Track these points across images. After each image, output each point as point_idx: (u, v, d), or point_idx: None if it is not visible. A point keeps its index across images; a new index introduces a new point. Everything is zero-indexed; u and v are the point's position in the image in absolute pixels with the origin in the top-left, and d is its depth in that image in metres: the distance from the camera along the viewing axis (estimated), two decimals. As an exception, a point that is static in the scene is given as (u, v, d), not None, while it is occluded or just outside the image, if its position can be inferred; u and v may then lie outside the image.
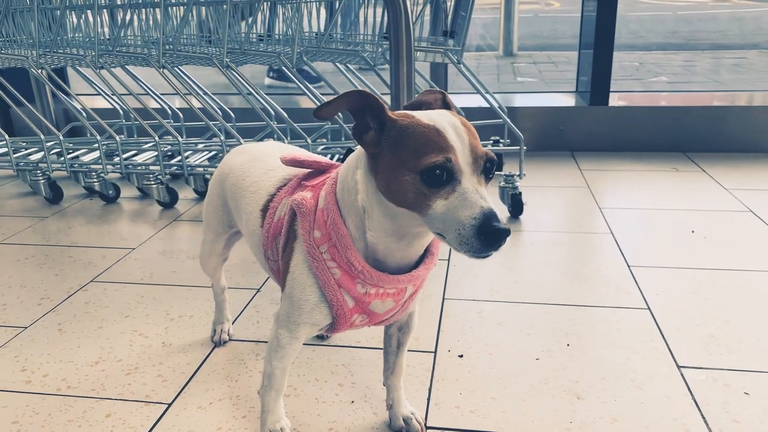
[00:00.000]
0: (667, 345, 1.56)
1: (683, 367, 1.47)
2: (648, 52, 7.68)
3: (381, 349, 1.51)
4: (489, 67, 6.97)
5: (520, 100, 3.94)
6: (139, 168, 2.79)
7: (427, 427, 1.28)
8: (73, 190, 2.96)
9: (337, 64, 2.84)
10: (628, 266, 2.02)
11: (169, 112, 3.28)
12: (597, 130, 3.47)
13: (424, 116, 0.92)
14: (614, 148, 3.46)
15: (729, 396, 1.36)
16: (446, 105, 1.04)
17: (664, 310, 1.73)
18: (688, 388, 1.39)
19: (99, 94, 3.28)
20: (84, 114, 3.03)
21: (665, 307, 1.75)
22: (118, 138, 2.70)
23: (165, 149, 2.95)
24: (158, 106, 3.29)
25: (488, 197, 0.88)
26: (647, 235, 2.29)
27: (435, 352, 1.56)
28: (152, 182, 2.67)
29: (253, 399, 1.38)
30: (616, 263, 2.05)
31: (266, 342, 1.59)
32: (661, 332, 1.62)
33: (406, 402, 1.29)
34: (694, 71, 6.11)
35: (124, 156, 2.82)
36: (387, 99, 2.59)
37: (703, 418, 1.29)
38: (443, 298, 1.83)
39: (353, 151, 1.15)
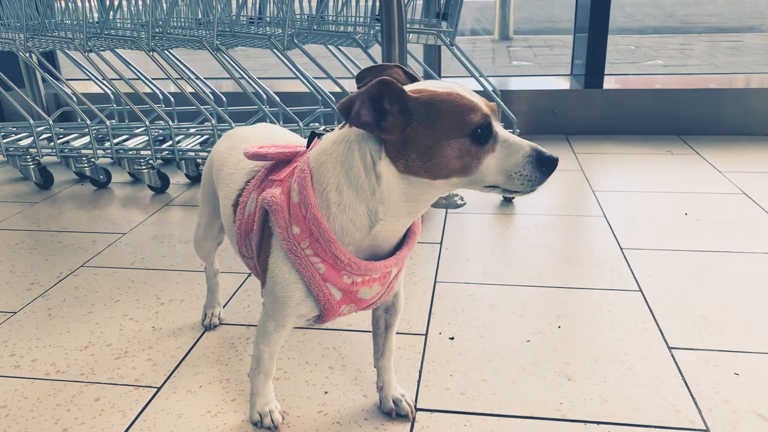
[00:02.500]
0: (659, 327, 1.56)
1: (674, 348, 1.47)
2: (644, 35, 7.64)
3: (371, 332, 1.51)
4: (484, 50, 6.92)
5: (515, 84, 3.91)
6: (130, 153, 2.77)
7: (417, 409, 1.28)
8: (63, 176, 2.94)
9: (329, 46, 2.81)
10: (621, 249, 2.02)
11: (161, 96, 3.24)
12: (591, 114, 3.45)
13: (436, 87, 0.92)
14: (608, 131, 3.45)
15: (719, 376, 1.36)
16: (410, 76, 1.01)
17: (656, 292, 1.73)
18: (679, 369, 1.39)
19: (90, 79, 3.24)
20: (74, 99, 3.00)
21: (657, 289, 1.75)
22: (108, 123, 2.68)
23: (156, 134, 2.92)
24: (150, 91, 3.25)
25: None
26: (640, 217, 2.29)
27: (426, 334, 1.55)
28: (143, 167, 2.65)
29: (243, 382, 1.38)
30: (608, 246, 2.04)
31: (257, 326, 1.59)
32: (652, 314, 1.62)
33: (397, 384, 1.29)
34: (690, 54, 6.08)
35: (115, 141, 2.79)
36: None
37: (693, 398, 1.29)
38: (435, 281, 1.82)
39: (316, 134, 1.09)
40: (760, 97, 3.33)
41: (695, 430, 1.20)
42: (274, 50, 2.50)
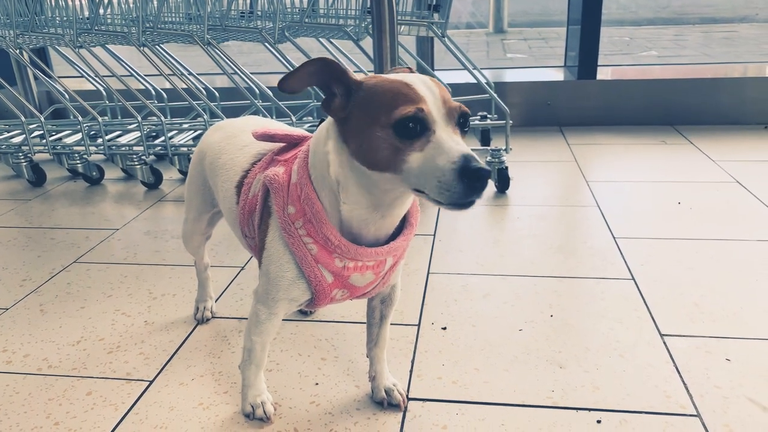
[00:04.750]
0: (651, 314, 1.56)
1: (666, 335, 1.47)
2: (638, 26, 7.64)
3: (364, 323, 1.51)
4: (479, 43, 6.91)
5: (510, 76, 3.91)
6: (123, 149, 2.76)
7: (409, 398, 1.28)
8: (56, 173, 2.93)
9: (320, 39, 2.81)
10: (614, 238, 2.02)
11: (153, 92, 3.23)
12: (585, 104, 3.45)
13: (391, 75, 0.91)
14: (602, 122, 3.45)
15: (710, 362, 1.36)
16: None
17: (649, 280, 1.73)
18: (670, 356, 1.39)
19: (82, 75, 3.23)
20: (66, 96, 2.99)
21: (649, 277, 1.75)
22: (100, 119, 2.67)
23: (148, 130, 2.91)
24: (142, 87, 3.24)
25: (464, 144, 0.86)
26: (633, 207, 2.29)
27: (419, 325, 1.56)
28: (136, 163, 2.64)
29: (235, 374, 1.38)
30: (601, 235, 2.04)
31: (248, 318, 1.59)
32: (644, 302, 1.62)
33: (389, 374, 1.29)
34: (684, 45, 6.08)
35: (108, 137, 2.78)
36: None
37: (684, 384, 1.29)
38: (428, 272, 1.82)
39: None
40: (753, 87, 3.33)
41: (686, 415, 1.20)
42: (266, 44, 2.49)
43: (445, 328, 1.53)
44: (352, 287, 1.07)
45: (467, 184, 0.82)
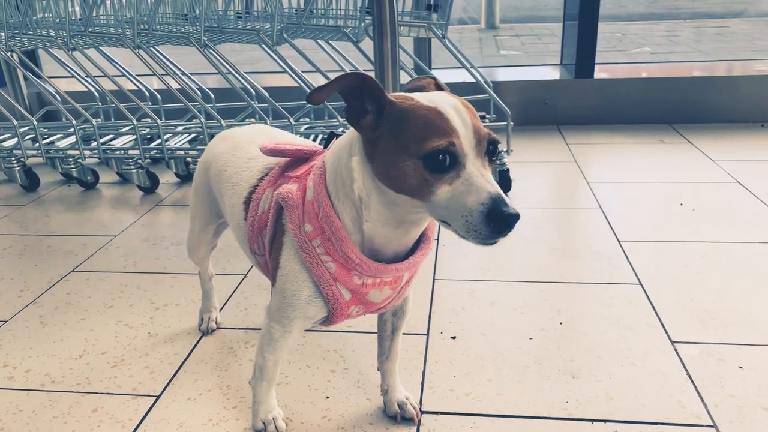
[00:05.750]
0: (660, 321, 1.55)
1: (677, 342, 1.46)
2: (630, 22, 7.65)
3: (372, 333, 1.50)
4: (471, 40, 6.89)
5: (504, 74, 3.89)
6: (118, 152, 2.72)
7: (422, 412, 1.26)
8: (49, 177, 2.89)
9: (318, 40, 2.77)
10: (618, 241, 2.01)
11: (147, 93, 3.18)
12: (583, 103, 3.44)
13: (424, 98, 0.87)
14: (600, 120, 3.44)
15: (723, 371, 1.35)
16: (440, 89, 1.00)
17: (656, 285, 1.72)
18: (683, 364, 1.38)
19: (73, 76, 3.17)
20: (58, 98, 2.94)
21: (657, 281, 1.74)
22: (94, 122, 2.62)
23: (143, 132, 2.87)
24: (135, 88, 3.19)
25: (494, 181, 0.84)
26: (636, 209, 2.28)
27: (427, 334, 1.54)
28: (132, 167, 2.60)
29: (244, 389, 1.35)
30: (606, 238, 2.03)
31: (255, 329, 1.57)
32: (653, 308, 1.61)
33: (401, 387, 1.27)
34: (677, 41, 6.09)
35: (102, 140, 2.74)
36: (372, 75, 2.53)
37: (699, 393, 1.29)
38: (434, 279, 1.80)
39: (336, 134, 1.10)
40: (749, 84, 3.34)
41: (703, 426, 1.20)
42: (262, 46, 2.45)
43: (454, 338, 1.52)
44: (369, 303, 1.05)
45: (493, 228, 0.80)
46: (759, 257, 1.86)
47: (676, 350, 1.43)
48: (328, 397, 1.32)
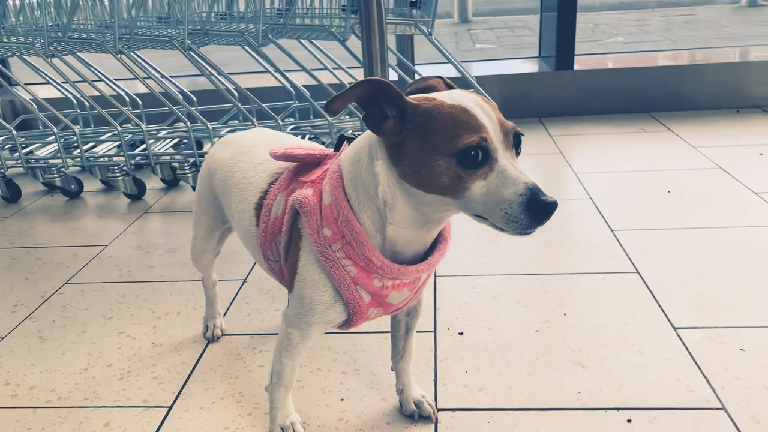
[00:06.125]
0: (661, 307, 1.58)
1: (679, 328, 1.49)
2: (601, 12, 7.75)
3: (380, 333, 1.51)
4: (446, 34, 6.91)
5: (484, 68, 3.92)
6: (101, 160, 2.67)
7: (438, 409, 1.27)
8: (31, 187, 2.82)
9: (302, 40, 2.76)
10: (612, 231, 2.04)
11: (127, 98, 3.13)
12: (564, 95, 3.48)
13: (445, 97, 0.88)
14: (582, 111, 3.49)
15: (726, 354, 1.39)
16: (450, 88, 1.00)
17: (653, 273, 1.76)
18: (687, 349, 1.41)
19: (49, 83, 3.10)
20: (34, 105, 2.87)
21: (653, 269, 1.78)
22: (76, 129, 2.57)
23: (126, 138, 2.82)
24: (114, 93, 3.13)
25: (526, 172, 0.85)
26: (625, 197, 2.32)
27: (435, 331, 1.55)
28: (117, 174, 2.55)
29: (257, 395, 1.35)
30: (599, 228, 2.07)
31: (261, 335, 1.57)
32: (653, 295, 1.64)
33: (416, 385, 1.27)
34: (647, 30, 6.20)
35: (84, 148, 2.68)
36: (359, 73, 2.53)
37: (705, 377, 1.32)
38: (435, 276, 1.81)
39: (346, 137, 1.10)
40: (722, 72, 3.41)
41: (712, 409, 1.23)
42: (246, 47, 2.43)
43: (462, 333, 1.53)
44: (388, 305, 1.05)
45: (534, 217, 0.82)
46: (747, 241, 1.91)
47: (679, 336, 1.46)
48: (342, 399, 1.32)
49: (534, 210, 0.82)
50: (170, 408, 1.32)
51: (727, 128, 3.08)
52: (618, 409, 1.24)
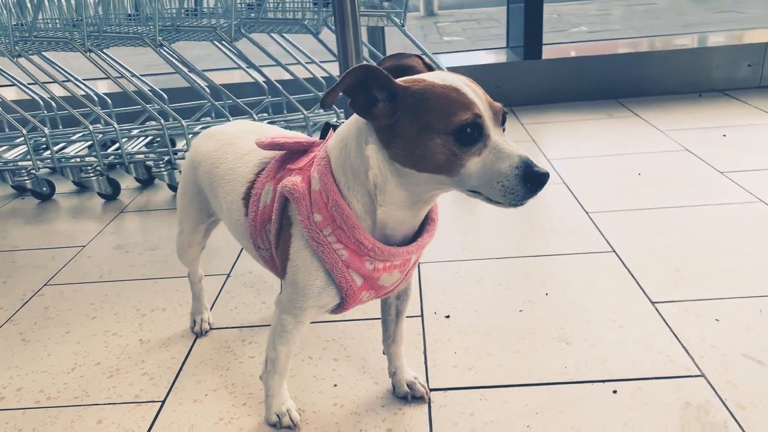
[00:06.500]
0: (638, 284, 1.64)
1: (657, 302, 1.55)
2: (563, 3, 7.87)
3: (368, 320, 1.53)
4: (413, 27, 6.94)
5: (453, 60, 3.95)
6: (73, 160, 2.62)
7: (431, 389, 1.30)
8: (0, 191, 2.76)
9: (274, 34, 2.75)
10: (587, 213, 2.10)
11: (96, 98, 3.08)
12: (533, 84, 3.54)
13: (435, 78, 0.90)
14: (551, 100, 3.55)
15: (702, 324, 1.45)
16: (429, 66, 1.02)
17: (629, 251, 1.81)
18: (665, 322, 1.47)
19: (14, 84, 3.03)
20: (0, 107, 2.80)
21: (629, 248, 1.83)
22: (46, 130, 2.52)
23: (97, 138, 2.78)
24: (83, 93, 3.08)
25: (516, 146, 0.88)
26: (597, 181, 2.38)
27: (422, 315, 1.57)
28: (92, 174, 2.52)
29: (250, 385, 1.36)
30: (575, 211, 2.12)
31: (249, 327, 1.58)
32: (630, 272, 1.70)
33: (408, 368, 1.30)
34: (610, 19, 6.33)
35: (55, 149, 2.63)
36: (332, 66, 2.54)
37: (684, 347, 1.37)
38: (419, 262, 1.84)
39: (331, 125, 1.11)
40: (684, 57, 3.51)
41: (692, 376, 1.28)
42: (216, 42, 2.42)
43: (448, 317, 1.56)
44: (380, 287, 1.07)
45: (529, 188, 0.85)
46: (717, 217, 1.98)
47: (657, 310, 1.52)
48: (336, 385, 1.34)
49: (530, 181, 0.85)
50: (163, 402, 1.32)
51: (691, 111, 3.18)
52: (603, 381, 1.29)
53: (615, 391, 1.26)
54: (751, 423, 1.14)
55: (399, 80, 0.91)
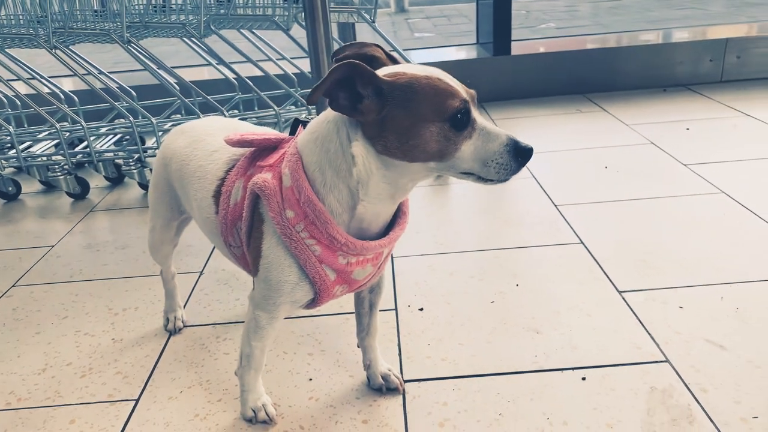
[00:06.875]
0: (606, 274, 1.68)
1: (623, 291, 1.59)
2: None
3: (342, 314, 1.55)
4: (384, 24, 6.95)
5: (424, 56, 3.98)
6: (40, 159, 2.57)
7: (405, 381, 1.32)
8: (-36, 191, 2.69)
9: (244, 30, 2.74)
10: (555, 206, 2.14)
11: (62, 96, 3.02)
12: (503, 80, 3.59)
13: (415, 70, 0.93)
14: (520, 95, 3.60)
15: (667, 312, 1.50)
16: (390, 57, 1.03)
17: (596, 242, 1.86)
18: (632, 310, 1.51)
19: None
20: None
21: (596, 239, 1.88)
22: (11, 128, 2.47)
23: (64, 136, 2.73)
24: (48, 91, 3.02)
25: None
26: (566, 174, 2.43)
27: (396, 309, 1.59)
28: (59, 173, 2.47)
29: (225, 381, 1.36)
30: (544, 204, 2.16)
31: (223, 323, 1.58)
32: (597, 263, 1.74)
33: (382, 360, 1.32)
34: (578, 15, 6.42)
35: (20, 148, 2.58)
36: (305, 63, 2.53)
37: (649, 334, 1.42)
38: (393, 257, 1.86)
39: (300, 121, 1.12)
40: (649, 53, 3.59)
41: (658, 362, 1.32)
42: (185, 38, 2.40)
43: (422, 309, 1.58)
44: (353, 281, 1.09)
45: (520, 162, 0.93)
46: (681, 208, 2.04)
47: (624, 299, 1.56)
48: (311, 379, 1.35)
49: (520, 155, 0.92)
50: (137, 400, 1.32)
51: (656, 106, 3.26)
52: (573, 368, 1.32)
53: (584, 378, 1.29)
54: (713, 405, 1.19)
55: (381, 74, 0.92)
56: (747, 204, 2.02)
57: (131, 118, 2.46)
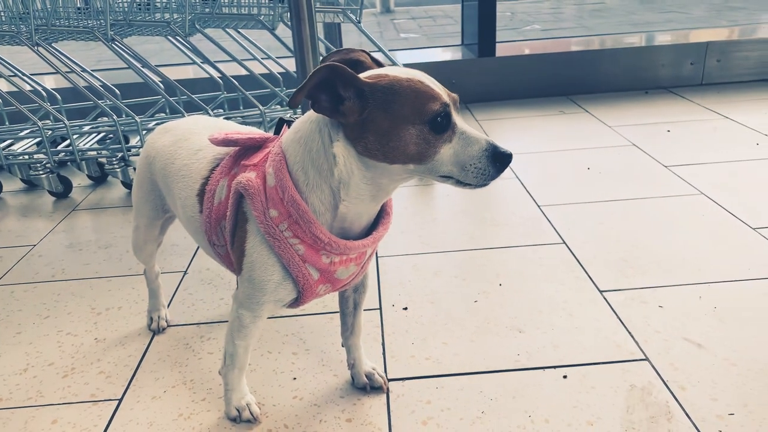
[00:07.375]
0: (587, 274, 1.70)
1: (604, 291, 1.62)
2: (517, 1, 8.02)
3: (326, 314, 1.56)
4: (370, 24, 6.96)
5: (410, 57, 3.99)
6: (21, 158, 2.55)
7: (389, 379, 1.33)
8: (-57, 190, 2.66)
9: (229, 30, 2.73)
10: (538, 206, 2.16)
11: (44, 93, 2.99)
12: (487, 81, 3.61)
13: (397, 72, 0.93)
14: (504, 96, 3.63)
15: (647, 311, 1.52)
16: (376, 62, 1.04)
17: (578, 243, 1.88)
18: (612, 309, 1.53)
19: (-45, 79, 2.91)
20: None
21: (578, 239, 1.90)
22: (-8, 127, 2.44)
23: (47, 134, 2.70)
24: (30, 88, 2.99)
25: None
26: (549, 175, 2.46)
27: (380, 308, 1.60)
28: (41, 172, 2.45)
29: (209, 381, 1.36)
30: (527, 205, 2.18)
31: (207, 323, 1.58)
32: (579, 263, 1.76)
33: (367, 359, 1.32)
34: (562, 18, 6.48)
35: (0, 146, 2.55)
36: (290, 62, 2.53)
37: (630, 333, 1.44)
38: (378, 256, 1.87)
39: (285, 121, 1.13)
40: (631, 56, 3.64)
41: (637, 360, 1.35)
42: (170, 37, 2.38)
43: (406, 309, 1.59)
44: (336, 281, 1.09)
45: (498, 167, 0.93)
46: (661, 210, 2.07)
47: (605, 298, 1.59)
48: (295, 378, 1.35)
49: (498, 161, 0.92)
50: (120, 400, 1.31)
51: (638, 108, 3.30)
52: (554, 367, 1.34)
53: (565, 376, 1.31)
54: (690, 402, 1.21)
55: (363, 76, 0.93)
56: (726, 205, 2.06)
57: (115, 117, 2.44)
